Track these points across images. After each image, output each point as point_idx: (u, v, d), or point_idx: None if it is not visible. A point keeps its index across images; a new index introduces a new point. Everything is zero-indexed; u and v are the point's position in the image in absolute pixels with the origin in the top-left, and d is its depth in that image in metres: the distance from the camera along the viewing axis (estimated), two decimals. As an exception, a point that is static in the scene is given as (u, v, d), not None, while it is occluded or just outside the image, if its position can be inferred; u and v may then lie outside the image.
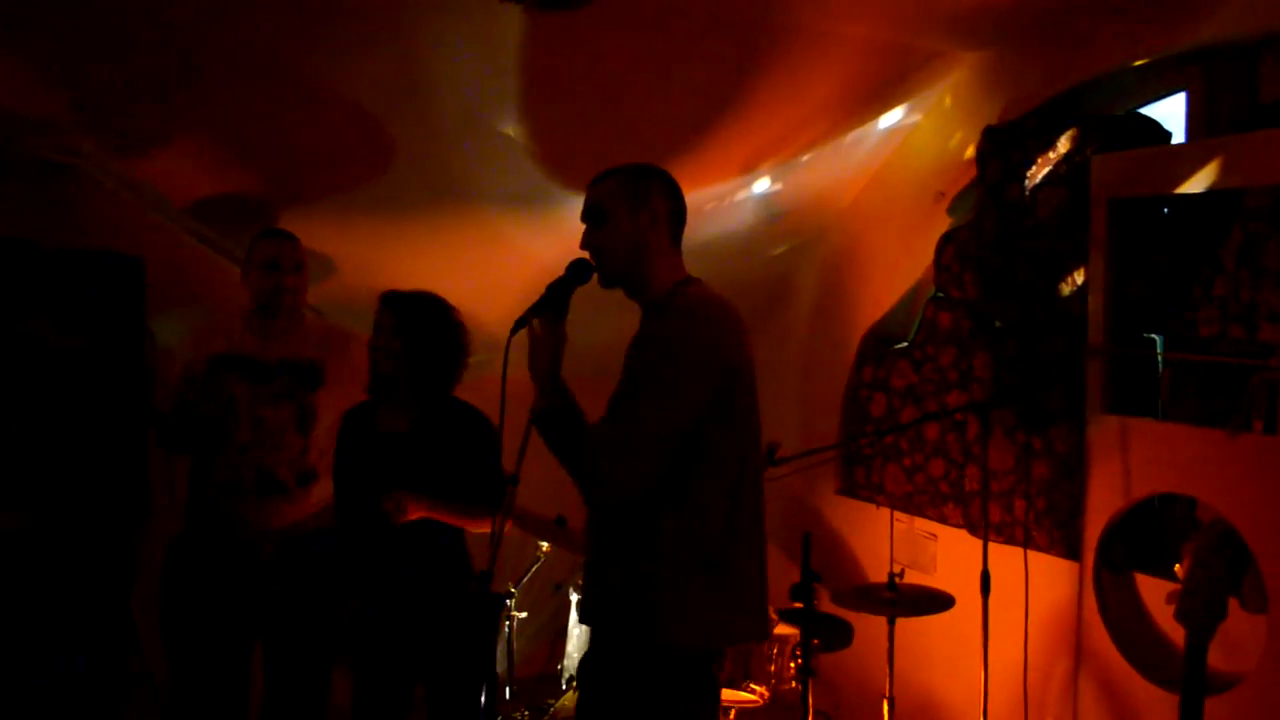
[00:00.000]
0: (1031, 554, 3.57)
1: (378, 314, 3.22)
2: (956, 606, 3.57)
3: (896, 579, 3.65)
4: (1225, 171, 3.02)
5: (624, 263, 2.54)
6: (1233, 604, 2.55)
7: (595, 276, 2.54)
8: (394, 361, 3.17)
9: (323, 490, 3.43)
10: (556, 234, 3.42)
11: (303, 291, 3.48)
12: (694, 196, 3.46)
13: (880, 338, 4.44)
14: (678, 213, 2.60)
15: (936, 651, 3.96)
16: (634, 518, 2.43)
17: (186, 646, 3.32)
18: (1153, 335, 3.38)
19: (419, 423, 3.22)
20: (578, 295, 2.49)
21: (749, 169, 4.19)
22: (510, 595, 4.26)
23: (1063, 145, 3.52)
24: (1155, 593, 3.29)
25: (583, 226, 2.58)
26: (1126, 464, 3.26)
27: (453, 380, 3.28)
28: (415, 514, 3.08)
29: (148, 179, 3.67)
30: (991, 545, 3.48)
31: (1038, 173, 3.60)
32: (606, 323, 2.78)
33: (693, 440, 2.38)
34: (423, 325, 3.20)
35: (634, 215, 2.52)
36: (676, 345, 2.40)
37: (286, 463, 3.35)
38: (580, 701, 2.65)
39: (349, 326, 3.63)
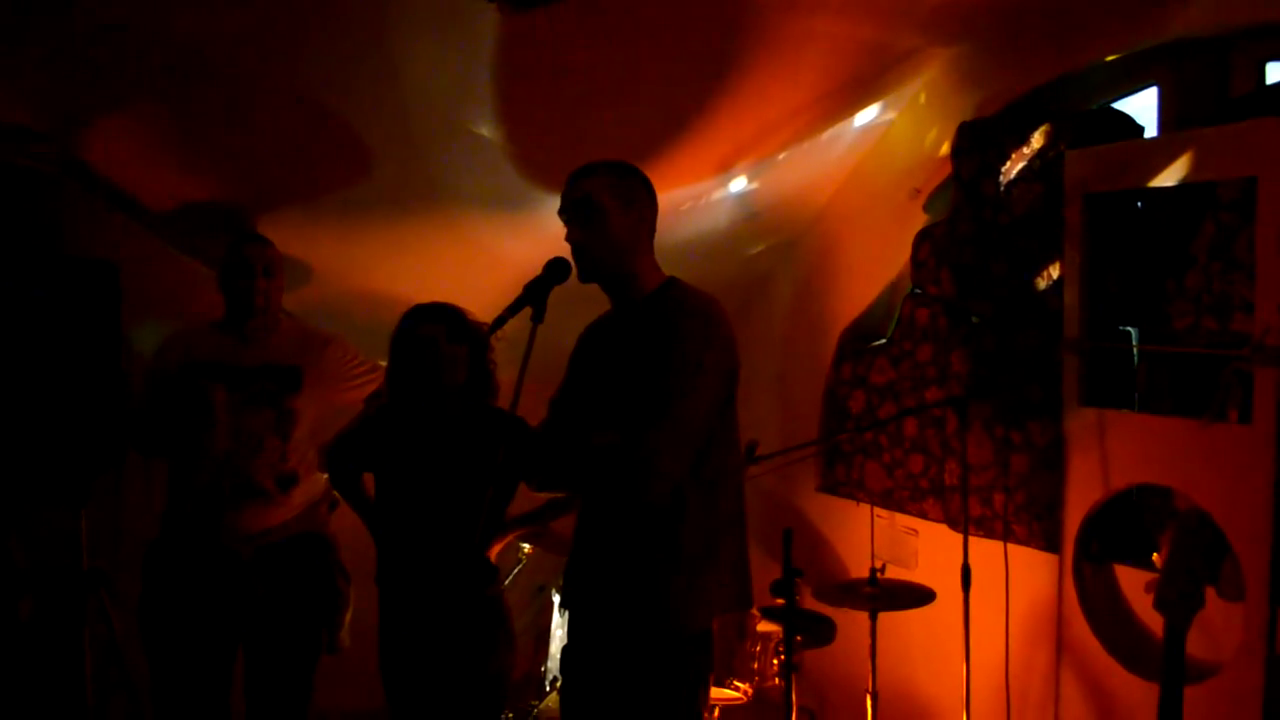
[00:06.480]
0: (1011, 547, 3.58)
1: (417, 334, 3.16)
2: (938, 601, 3.59)
3: (878, 574, 3.67)
4: (1197, 165, 3.04)
5: (612, 259, 2.55)
6: (1210, 593, 2.58)
7: (571, 274, 2.55)
8: (461, 367, 3.16)
9: (304, 493, 3.43)
10: (533, 235, 3.42)
11: (276, 295, 3.46)
12: (671, 196, 3.47)
13: (858, 335, 4.45)
14: (656, 212, 2.62)
15: (919, 646, 3.97)
16: (649, 506, 2.47)
17: (168, 652, 3.30)
18: (1128, 328, 3.40)
19: (482, 426, 3.18)
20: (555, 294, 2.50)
21: (726, 168, 4.19)
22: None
23: (1036, 140, 3.54)
24: (1134, 583, 3.31)
25: (560, 226, 2.58)
26: (1104, 456, 3.28)
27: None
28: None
29: (123, 186, 3.64)
30: (972, 539, 3.50)
31: (1012, 168, 3.62)
32: (582, 322, 2.78)
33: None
34: (471, 328, 3.19)
35: (625, 212, 2.54)
36: (706, 341, 2.46)
37: (266, 467, 3.34)
38: (573, 691, 2.67)
39: (326, 330, 3.62)
